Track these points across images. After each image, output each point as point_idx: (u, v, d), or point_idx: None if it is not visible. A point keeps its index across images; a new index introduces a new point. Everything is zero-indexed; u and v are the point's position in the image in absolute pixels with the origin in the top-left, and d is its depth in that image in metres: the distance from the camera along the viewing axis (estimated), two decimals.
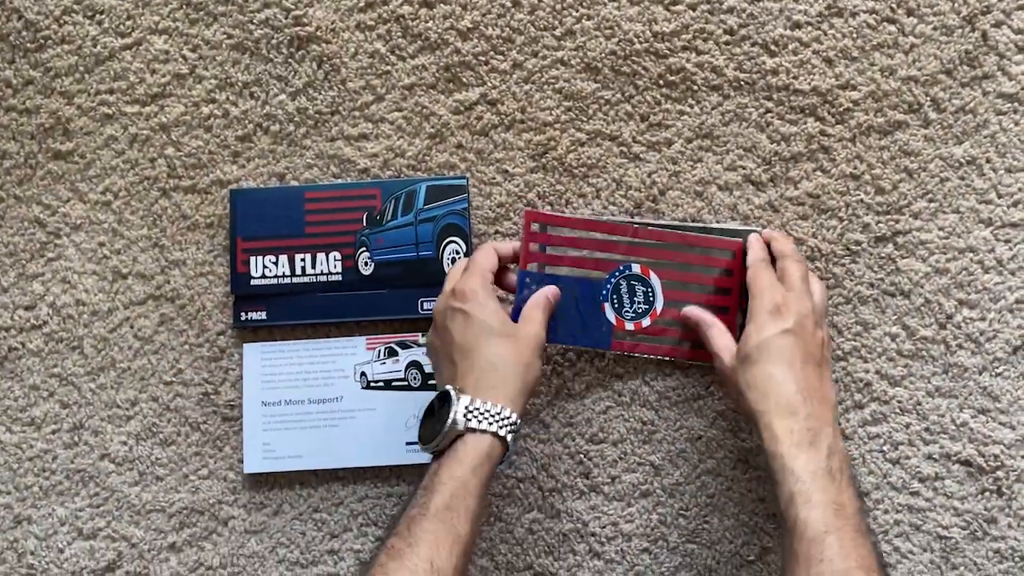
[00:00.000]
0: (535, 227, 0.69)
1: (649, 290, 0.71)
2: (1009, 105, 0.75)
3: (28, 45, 0.80)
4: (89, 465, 0.78)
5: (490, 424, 0.61)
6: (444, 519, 0.58)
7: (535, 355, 0.65)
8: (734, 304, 0.71)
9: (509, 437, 0.62)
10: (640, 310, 0.71)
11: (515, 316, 0.67)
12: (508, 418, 0.62)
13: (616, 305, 0.71)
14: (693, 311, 0.71)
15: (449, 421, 0.61)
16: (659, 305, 0.71)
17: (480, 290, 0.65)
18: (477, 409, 0.61)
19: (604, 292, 0.70)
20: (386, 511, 0.76)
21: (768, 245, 0.71)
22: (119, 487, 0.77)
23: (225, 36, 0.79)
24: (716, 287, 0.71)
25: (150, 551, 0.77)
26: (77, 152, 0.79)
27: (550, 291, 0.69)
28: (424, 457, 0.75)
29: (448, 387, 0.63)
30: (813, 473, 0.58)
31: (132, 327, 0.78)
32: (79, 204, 0.79)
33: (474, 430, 0.61)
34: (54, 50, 0.80)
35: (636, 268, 0.70)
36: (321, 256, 0.77)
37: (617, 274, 0.70)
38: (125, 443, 0.78)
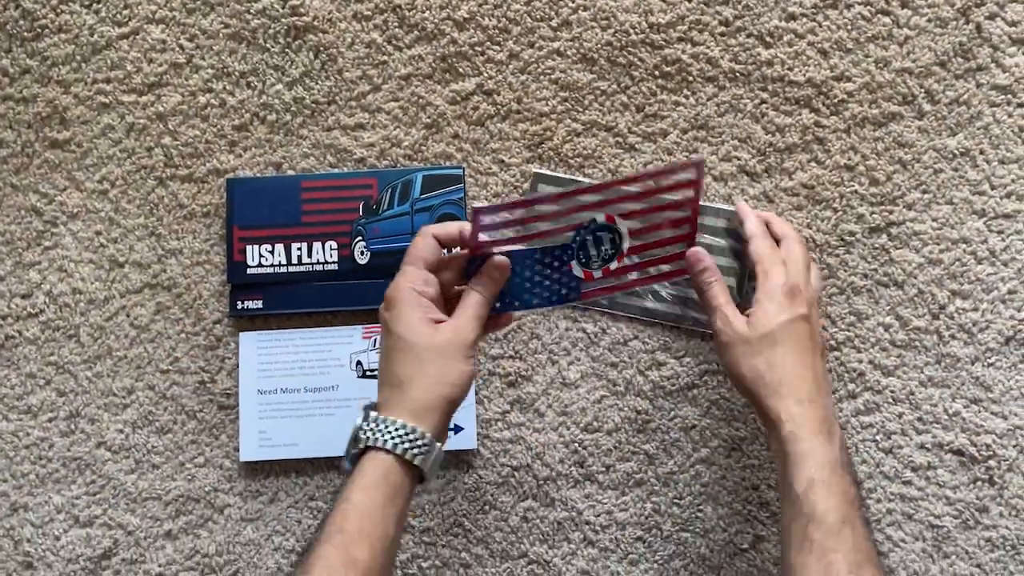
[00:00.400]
0: (486, 220, 0.62)
1: (615, 236, 0.67)
2: (1003, 97, 0.76)
3: (25, 34, 0.80)
4: (85, 453, 0.78)
5: (386, 442, 0.57)
6: (337, 543, 0.55)
7: (457, 362, 0.60)
8: (694, 226, 0.68)
9: (414, 457, 0.58)
10: (607, 255, 0.67)
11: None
12: (410, 435, 0.58)
13: (583, 260, 0.67)
14: (698, 257, 0.67)
15: (350, 438, 0.59)
16: (625, 245, 0.67)
17: (402, 298, 0.61)
18: (376, 426, 0.58)
19: (570, 251, 0.66)
20: None
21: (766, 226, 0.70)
22: (115, 475, 0.78)
23: (222, 26, 0.79)
24: (678, 211, 0.67)
25: (146, 539, 0.77)
26: (74, 141, 0.79)
27: (494, 269, 0.63)
28: None
29: (365, 403, 0.62)
30: (832, 463, 0.59)
31: (129, 316, 0.78)
32: (76, 193, 0.79)
33: (374, 448, 0.58)
34: (51, 39, 0.80)
35: (601, 218, 0.66)
36: (317, 245, 0.77)
37: (583, 231, 0.66)
38: (121, 431, 0.78)
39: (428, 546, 0.76)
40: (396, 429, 0.58)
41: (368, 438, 0.58)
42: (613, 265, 0.68)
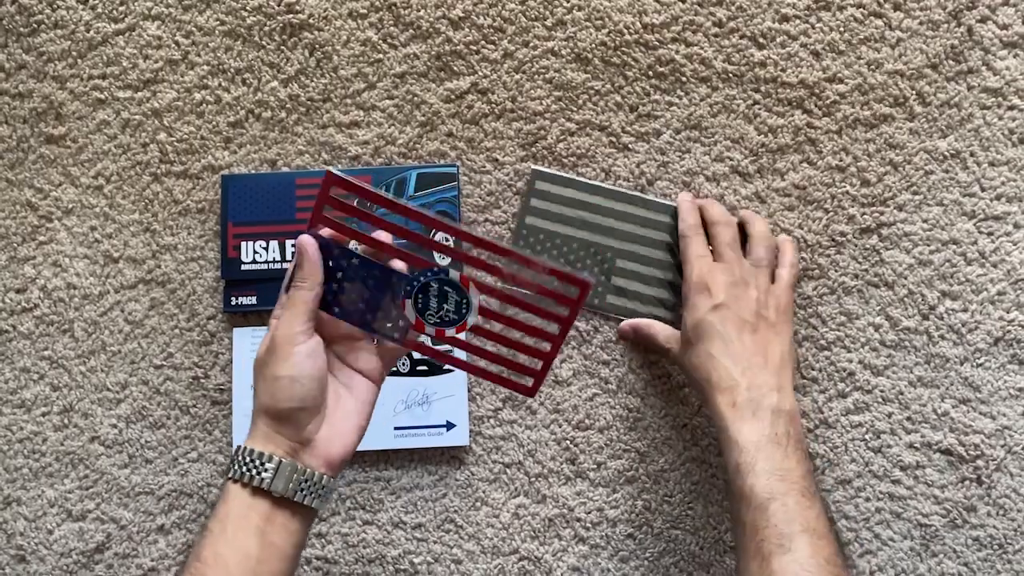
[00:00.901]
0: (337, 193, 0.56)
1: (464, 301, 0.59)
2: (993, 100, 0.76)
3: (21, 29, 0.80)
4: (79, 447, 0.78)
5: (230, 467, 0.56)
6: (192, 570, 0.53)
7: (279, 362, 0.55)
8: (558, 345, 0.60)
9: (242, 474, 0.55)
10: (447, 318, 0.59)
11: None
12: (239, 454, 0.55)
13: (420, 306, 0.59)
14: (625, 327, 0.75)
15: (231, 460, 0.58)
16: (471, 320, 0.59)
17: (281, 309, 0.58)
18: (235, 454, 0.56)
19: (408, 288, 0.58)
20: (373, 495, 0.77)
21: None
22: (108, 469, 0.78)
23: (218, 23, 0.79)
24: (547, 320, 0.59)
25: (139, 533, 0.78)
26: (69, 136, 0.80)
27: (305, 248, 0.57)
28: (413, 442, 0.76)
29: None
30: (756, 443, 0.61)
31: (123, 311, 0.79)
32: (71, 188, 0.79)
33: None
34: (47, 34, 0.80)
35: (455, 275, 0.58)
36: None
37: (429, 275, 0.58)
38: (115, 426, 0.78)
39: (419, 541, 0.77)
40: (241, 456, 0.55)
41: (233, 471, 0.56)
42: (450, 332, 0.60)
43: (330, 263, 0.58)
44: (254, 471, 0.54)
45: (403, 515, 0.77)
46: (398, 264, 0.59)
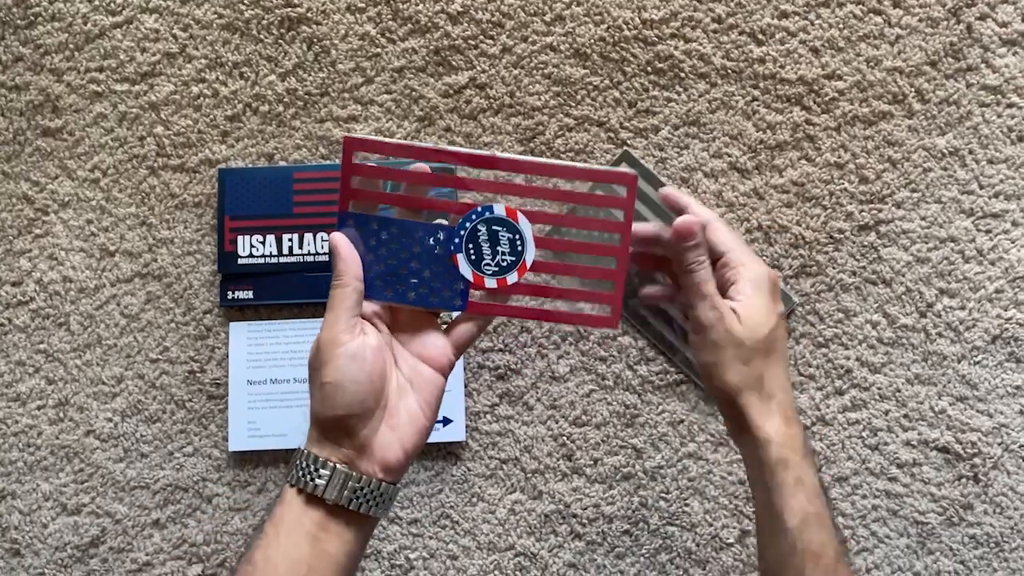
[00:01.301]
0: (360, 159, 0.54)
1: (517, 237, 0.54)
2: (992, 97, 0.76)
3: (18, 22, 0.80)
4: (74, 441, 0.78)
5: (290, 473, 0.52)
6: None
7: (325, 367, 0.51)
8: (625, 256, 0.55)
9: (306, 485, 0.51)
10: (505, 263, 0.54)
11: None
12: (300, 460, 0.52)
13: (473, 257, 0.54)
14: (690, 228, 0.56)
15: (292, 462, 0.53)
16: (530, 256, 0.54)
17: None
18: (296, 460, 0.53)
19: (457, 240, 0.54)
20: None
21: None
22: (104, 463, 0.78)
23: (216, 16, 0.79)
24: (604, 231, 0.55)
25: (134, 527, 0.77)
26: (66, 129, 0.79)
27: (336, 247, 0.53)
28: None
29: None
30: (817, 490, 0.55)
31: (119, 305, 0.78)
32: (67, 181, 0.79)
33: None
34: (44, 27, 0.80)
35: (499, 209, 0.53)
36: (308, 236, 0.77)
37: (474, 217, 0.54)
38: (110, 420, 0.78)
39: (415, 537, 0.76)
40: (298, 459, 0.52)
41: (295, 476, 0.52)
42: (512, 278, 0.54)
43: (371, 244, 0.53)
44: (308, 477, 0.51)
45: (399, 510, 0.77)
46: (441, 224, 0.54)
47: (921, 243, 0.76)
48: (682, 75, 0.77)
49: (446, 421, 0.76)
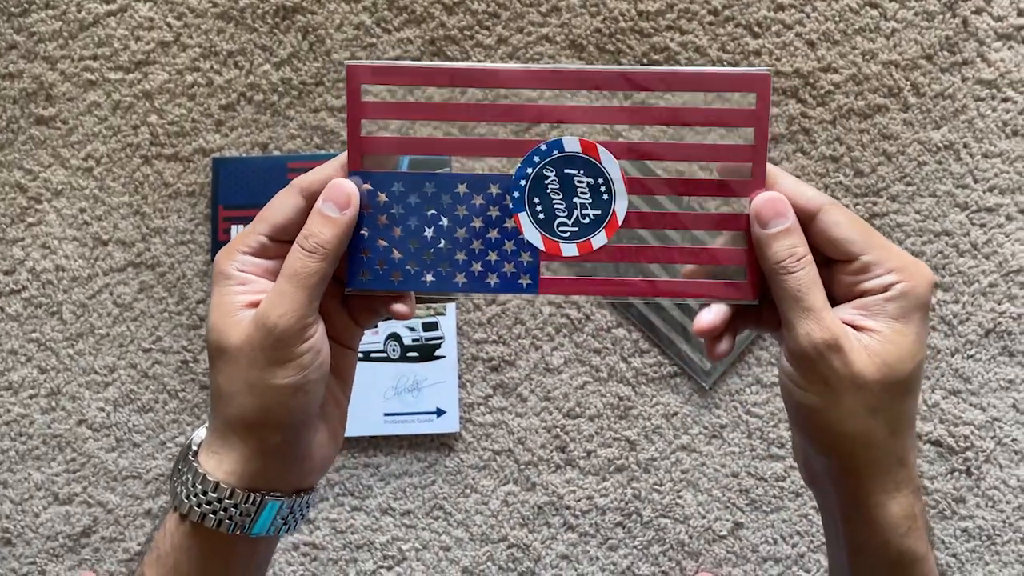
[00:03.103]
0: (371, 95, 0.39)
1: (600, 181, 0.39)
2: (987, 91, 0.76)
3: (12, 9, 0.79)
4: (66, 430, 0.78)
5: (188, 498, 0.39)
6: None
7: (260, 368, 0.38)
8: (756, 186, 0.38)
9: (208, 518, 0.39)
10: (588, 219, 0.39)
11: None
12: (195, 488, 0.39)
13: (542, 215, 0.39)
14: (776, 207, 0.38)
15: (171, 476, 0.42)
16: (621, 207, 0.39)
17: (218, 271, 0.40)
18: (179, 471, 0.40)
19: (517, 194, 0.39)
20: (362, 481, 0.77)
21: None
22: (96, 453, 0.77)
23: (210, 5, 0.79)
24: (728, 164, 0.39)
25: (126, 517, 0.77)
26: (59, 118, 0.79)
27: (334, 198, 0.39)
28: (403, 428, 0.76)
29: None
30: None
31: (112, 294, 0.78)
32: (60, 170, 0.79)
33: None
34: (38, 15, 0.79)
35: (572, 143, 0.39)
36: None
37: (537, 159, 0.39)
38: (102, 409, 0.78)
39: (408, 528, 0.76)
40: (194, 484, 0.39)
41: (173, 493, 0.40)
42: (598, 240, 0.39)
43: (395, 214, 0.39)
44: (227, 513, 0.39)
45: (392, 502, 0.77)
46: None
47: (916, 236, 0.76)
48: (678, 67, 0.77)
49: (439, 412, 0.76)
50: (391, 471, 0.77)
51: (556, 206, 0.39)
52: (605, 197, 0.39)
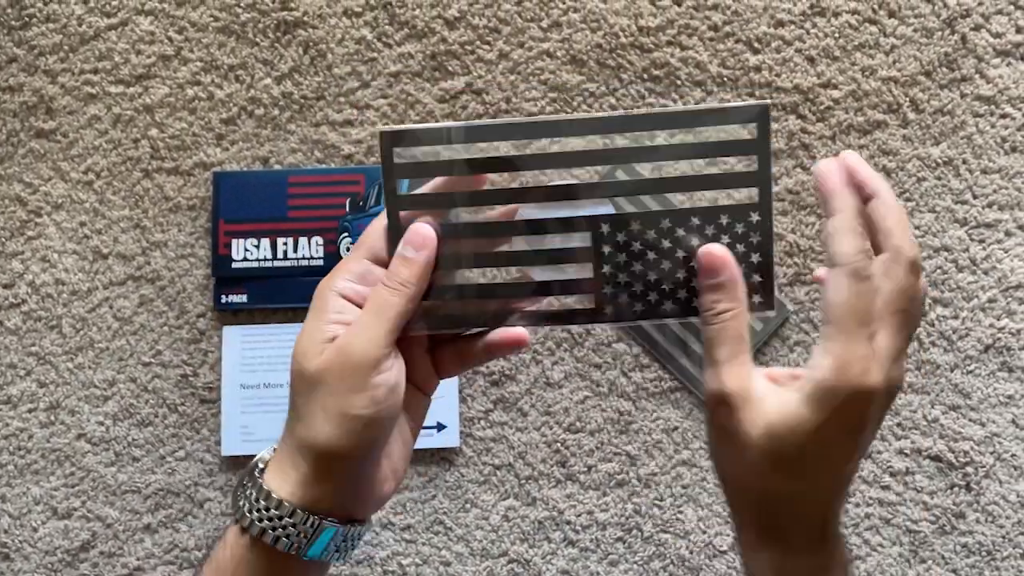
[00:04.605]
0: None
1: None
2: (986, 107, 0.77)
3: (12, 23, 0.79)
4: (65, 445, 0.77)
5: (250, 512, 0.41)
6: None
7: (341, 395, 0.40)
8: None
9: (267, 534, 0.41)
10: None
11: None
12: (257, 503, 0.41)
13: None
14: (712, 261, 0.41)
15: (236, 494, 0.43)
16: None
17: (317, 295, 0.43)
18: (243, 486, 0.42)
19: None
20: None
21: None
22: (95, 467, 0.77)
23: (211, 19, 0.79)
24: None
25: (125, 532, 0.77)
26: (60, 131, 0.79)
27: (411, 241, 0.42)
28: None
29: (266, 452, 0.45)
30: None
31: (111, 307, 0.78)
32: (61, 183, 0.79)
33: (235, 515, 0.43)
34: (39, 28, 0.79)
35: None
36: (303, 240, 0.77)
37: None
38: (102, 423, 0.77)
39: (408, 543, 0.76)
40: (257, 499, 0.41)
41: (239, 502, 0.42)
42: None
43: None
44: (291, 534, 0.40)
45: (392, 516, 0.76)
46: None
47: None
48: (678, 82, 0.78)
49: (440, 427, 0.76)
50: None
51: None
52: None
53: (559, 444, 0.77)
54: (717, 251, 0.41)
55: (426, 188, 0.43)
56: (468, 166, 0.42)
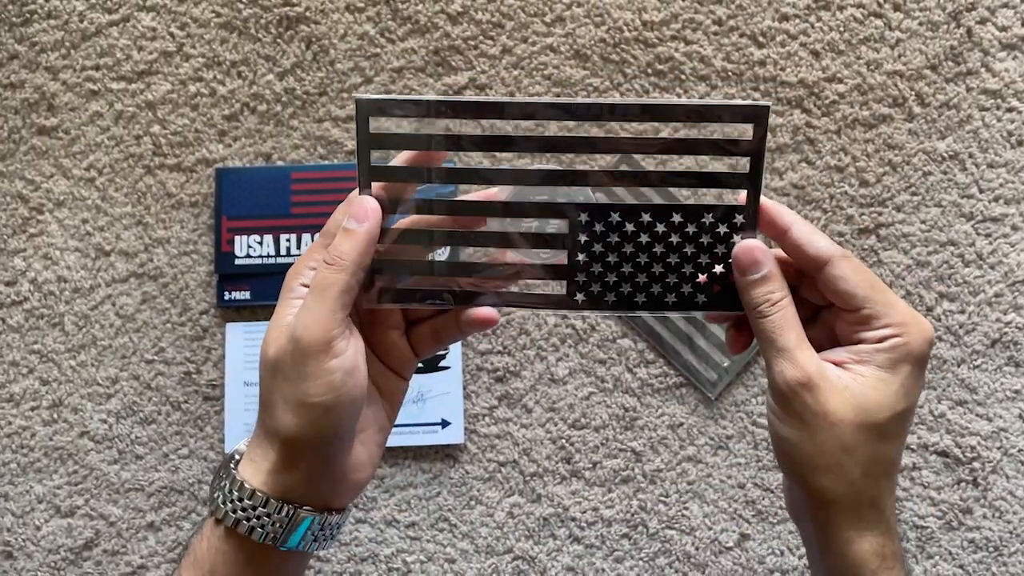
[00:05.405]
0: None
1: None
2: (992, 101, 0.76)
3: (14, 19, 0.79)
4: (68, 443, 0.77)
5: (224, 503, 0.41)
6: None
7: (312, 384, 0.39)
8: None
9: (241, 524, 0.41)
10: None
11: None
12: (231, 493, 0.41)
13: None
14: (752, 255, 0.41)
15: (212, 486, 0.43)
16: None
17: (285, 285, 0.43)
18: (219, 477, 0.42)
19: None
20: (366, 493, 0.76)
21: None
22: (98, 465, 0.77)
23: (213, 14, 0.79)
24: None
25: (128, 530, 0.77)
26: (62, 128, 0.79)
27: (354, 212, 0.41)
28: (408, 439, 0.75)
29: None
30: None
31: (114, 305, 0.78)
32: (63, 180, 0.78)
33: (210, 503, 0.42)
34: (40, 24, 0.79)
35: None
36: (306, 236, 0.76)
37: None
38: (105, 421, 0.77)
39: (413, 540, 0.76)
40: (231, 490, 0.41)
41: (211, 498, 0.42)
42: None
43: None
44: (266, 523, 0.40)
45: (396, 513, 0.76)
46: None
47: (921, 247, 0.76)
48: (683, 77, 0.77)
49: (444, 423, 0.75)
50: (395, 483, 0.76)
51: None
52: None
53: (564, 440, 0.76)
54: (756, 245, 0.41)
55: (399, 160, 0.43)
56: (446, 142, 0.42)
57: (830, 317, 0.42)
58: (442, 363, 0.76)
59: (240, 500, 0.40)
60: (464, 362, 0.76)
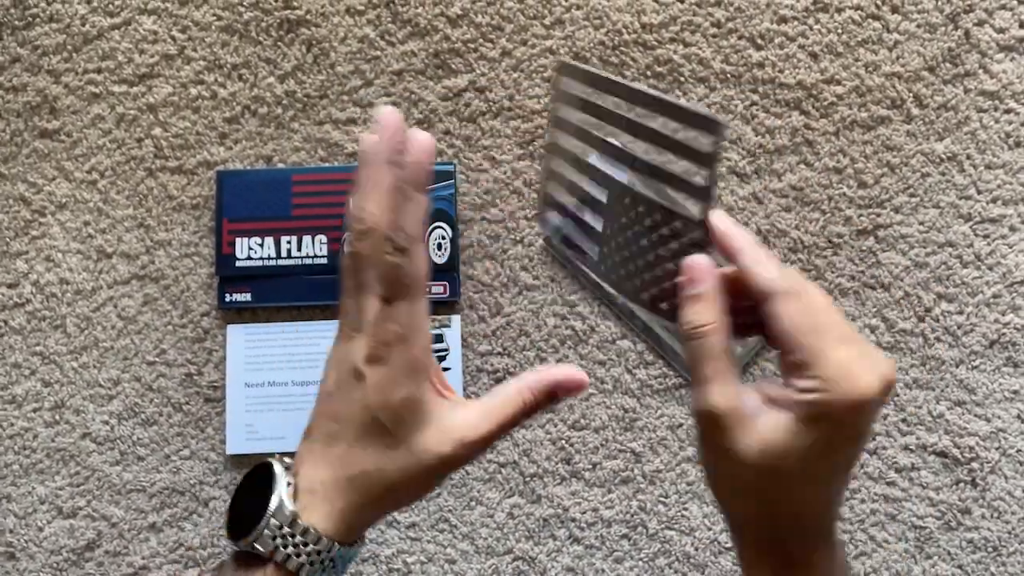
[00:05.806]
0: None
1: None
2: (990, 103, 0.77)
3: (16, 22, 0.79)
4: (70, 444, 0.77)
5: (288, 556, 0.38)
6: None
7: (422, 466, 0.41)
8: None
9: (303, 567, 0.38)
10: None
11: None
12: (319, 551, 0.39)
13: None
14: (697, 269, 0.40)
15: (263, 524, 0.38)
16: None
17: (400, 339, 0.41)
18: (284, 533, 0.39)
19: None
20: None
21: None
22: (100, 466, 0.77)
23: (215, 18, 0.79)
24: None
25: (130, 531, 0.77)
26: (63, 131, 0.79)
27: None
28: None
29: (273, 460, 0.41)
30: None
31: (116, 307, 0.78)
32: (64, 183, 0.79)
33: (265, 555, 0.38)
34: (42, 28, 0.79)
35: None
36: (307, 239, 0.77)
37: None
38: (107, 422, 0.77)
39: (413, 541, 0.76)
40: (308, 543, 0.38)
41: (271, 544, 0.38)
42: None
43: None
44: (319, 566, 0.38)
45: (397, 514, 0.76)
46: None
47: (919, 248, 0.76)
48: (681, 79, 0.78)
49: None
50: None
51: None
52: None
53: (564, 441, 0.77)
54: (696, 263, 0.39)
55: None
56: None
57: None
58: (442, 364, 0.76)
59: (305, 545, 0.38)
60: (464, 363, 0.77)
